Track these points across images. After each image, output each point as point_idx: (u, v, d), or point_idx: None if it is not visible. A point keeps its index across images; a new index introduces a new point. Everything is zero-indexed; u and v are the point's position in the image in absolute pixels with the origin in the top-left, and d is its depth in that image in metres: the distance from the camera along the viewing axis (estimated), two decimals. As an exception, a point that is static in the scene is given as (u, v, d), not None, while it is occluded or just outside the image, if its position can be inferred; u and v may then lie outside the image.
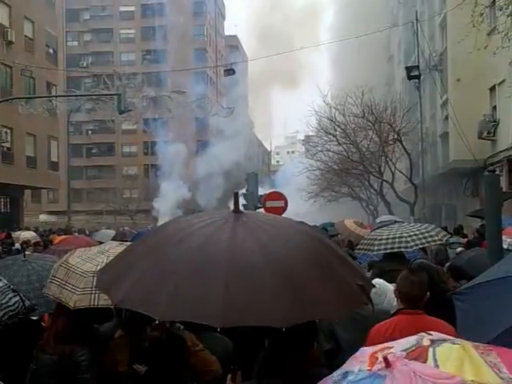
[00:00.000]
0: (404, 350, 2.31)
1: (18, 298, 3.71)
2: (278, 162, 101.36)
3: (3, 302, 3.58)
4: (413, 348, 2.33)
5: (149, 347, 4.29)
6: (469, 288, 4.07)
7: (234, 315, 2.60)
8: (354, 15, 58.86)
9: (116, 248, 4.85)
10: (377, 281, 6.32)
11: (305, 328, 2.89)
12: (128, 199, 58.98)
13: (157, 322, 2.75)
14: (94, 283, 4.34)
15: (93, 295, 4.42)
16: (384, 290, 6.04)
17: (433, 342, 2.39)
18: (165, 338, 4.29)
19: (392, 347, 2.36)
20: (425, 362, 2.24)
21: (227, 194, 58.69)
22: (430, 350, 2.31)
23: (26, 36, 39.90)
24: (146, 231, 19.99)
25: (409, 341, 2.41)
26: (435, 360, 2.24)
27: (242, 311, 2.60)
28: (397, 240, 8.86)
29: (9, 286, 3.74)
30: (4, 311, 3.53)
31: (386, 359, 2.21)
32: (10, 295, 3.67)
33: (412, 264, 7.28)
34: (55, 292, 4.55)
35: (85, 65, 74.28)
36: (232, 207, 3.18)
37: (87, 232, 26.87)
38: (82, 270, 4.57)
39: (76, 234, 26.11)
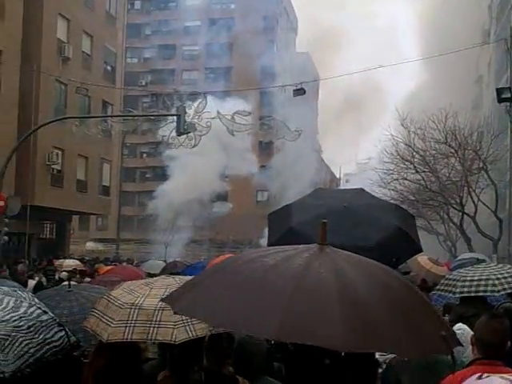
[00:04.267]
0: None
1: (63, 332, 3.72)
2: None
3: (47, 336, 3.59)
4: None
5: None
6: None
7: (289, 331, 2.70)
8: (440, 32, 58.18)
9: (162, 280, 4.88)
10: (461, 326, 6.11)
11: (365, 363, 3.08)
12: (178, 228, 59.29)
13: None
14: (131, 315, 4.41)
15: (127, 328, 4.39)
16: (468, 337, 5.71)
17: None
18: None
19: None
20: None
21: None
22: None
23: (83, 52, 40.94)
24: (198, 263, 20.10)
25: None
26: None
27: (298, 328, 2.71)
28: (483, 282, 8.44)
29: (54, 320, 3.76)
30: (47, 347, 3.54)
31: None
32: (56, 329, 3.69)
33: (498, 308, 7.02)
34: (93, 325, 4.56)
35: (143, 83, 75.60)
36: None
37: (135, 262, 27.20)
38: (121, 302, 4.59)
39: (124, 263, 26.51)
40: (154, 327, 4.31)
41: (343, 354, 2.83)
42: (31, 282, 16.11)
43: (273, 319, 2.70)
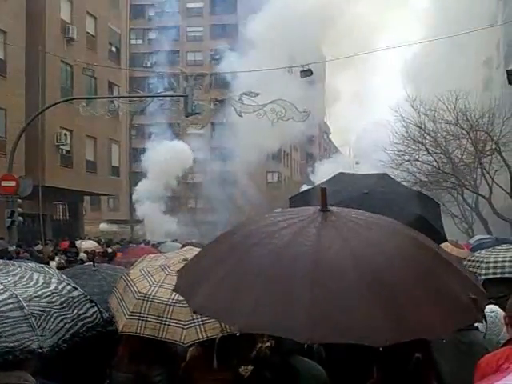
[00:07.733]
0: None
1: (95, 309, 3.70)
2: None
3: (81, 312, 3.58)
4: None
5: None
6: None
7: (321, 330, 2.50)
8: (447, 12, 57.90)
9: (179, 264, 4.73)
10: (492, 308, 6.04)
11: (416, 349, 2.81)
12: (193, 209, 59.22)
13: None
14: (144, 308, 4.43)
15: (140, 322, 4.42)
16: (501, 317, 5.61)
17: None
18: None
19: None
20: None
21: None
22: None
23: (87, 33, 40.88)
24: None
25: None
26: None
27: (330, 326, 2.50)
28: (507, 264, 8.45)
29: (85, 296, 3.74)
30: (82, 322, 3.53)
31: None
32: (88, 305, 3.68)
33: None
34: (114, 306, 4.65)
35: (148, 64, 75.36)
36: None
37: (153, 243, 27.20)
38: (136, 289, 4.61)
39: (142, 244, 26.58)
40: (164, 324, 4.34)
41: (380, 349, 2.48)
42: (52, 264, 15.99)
43: (301, 321, 2.48)
